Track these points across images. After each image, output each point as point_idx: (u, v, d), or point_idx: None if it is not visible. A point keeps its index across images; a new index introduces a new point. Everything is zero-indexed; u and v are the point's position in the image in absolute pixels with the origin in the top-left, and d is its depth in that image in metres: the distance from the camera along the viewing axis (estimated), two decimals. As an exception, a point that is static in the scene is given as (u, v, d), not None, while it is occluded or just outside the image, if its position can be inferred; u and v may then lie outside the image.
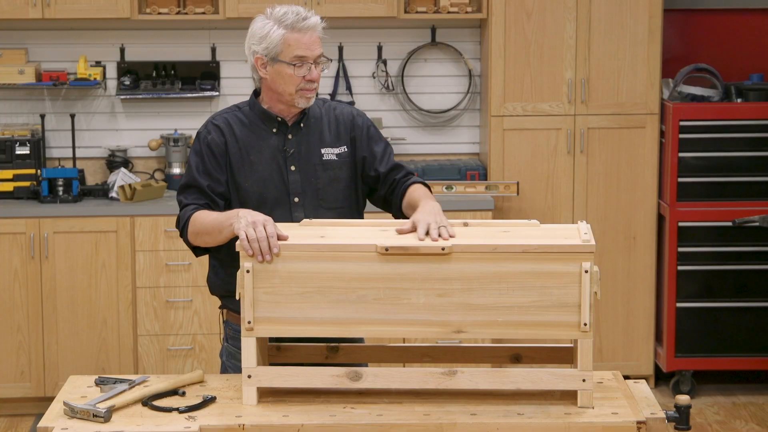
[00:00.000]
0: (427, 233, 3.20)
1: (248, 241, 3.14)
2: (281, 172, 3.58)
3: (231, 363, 3.63)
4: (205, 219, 3.47)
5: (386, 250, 3.09)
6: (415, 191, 3.56)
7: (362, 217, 3.69)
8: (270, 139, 3.60)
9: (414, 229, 3.24)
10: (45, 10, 5.96)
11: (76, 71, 6.20)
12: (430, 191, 3.61)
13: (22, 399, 5.98)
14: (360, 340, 3.54)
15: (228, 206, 3.56)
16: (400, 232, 3.25)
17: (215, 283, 3.66)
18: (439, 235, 3.19)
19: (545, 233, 3.24)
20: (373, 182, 3.67)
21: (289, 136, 3.60)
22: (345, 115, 3.68)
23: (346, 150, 3.64)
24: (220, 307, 3.71)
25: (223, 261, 3.58)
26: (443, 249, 3.09)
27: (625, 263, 6.22)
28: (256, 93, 3.66)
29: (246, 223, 3.19)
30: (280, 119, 3.60)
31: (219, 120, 3.63)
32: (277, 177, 3.58)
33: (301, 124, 3.62)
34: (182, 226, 3.55)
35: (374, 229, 3.31)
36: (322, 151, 3.62)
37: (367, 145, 3.65)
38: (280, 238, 3.16)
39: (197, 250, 3.60)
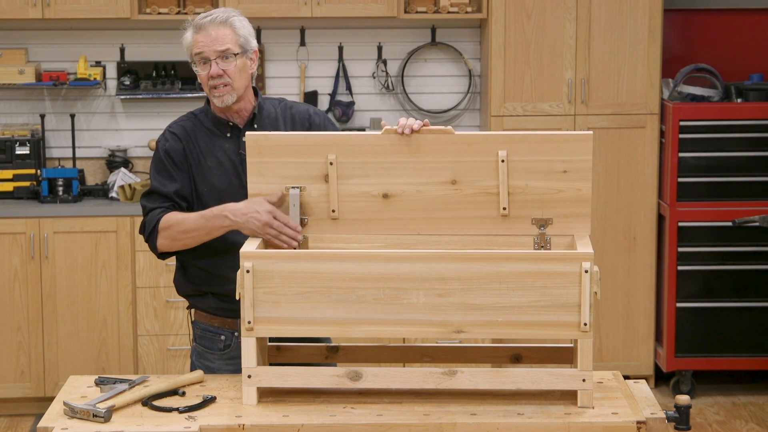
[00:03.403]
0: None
1: (276, 239, 3.30)
2: (239, 176, 3.57)
3: (200, 363, 3.64)
4: (184, 221, 3.49)
5: (385, 131, 3.23)
6: None
7: None
8: (225, 144, 3.61)
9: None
10: (45, 10, 5.96)
11: (76, 71, 6.19)
12: None
13: (22, 399, 5.97)
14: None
15: (190, 210, 3.56)
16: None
17: (181, 284, 3.68)
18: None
19: (545, 233, 3.25)
20: None
21: (244, 139, 3.59)
22: (301, 113, 3.66)
23: None
24: (187, 308, 3.72)
25: (186, 261, 3.62)
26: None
27: (625, 263, 6.22)
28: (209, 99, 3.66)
29: (254, 225, 3.32)
30: (231, 124, 3.61)
31: (175, 128, 3.64)
32: (236, 180, 3.57)
33: (255, 125, 3.61)
34: (150, 230, 3.55)
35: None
36: None
37: None
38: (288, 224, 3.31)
39: (163, 255, 3.60)
